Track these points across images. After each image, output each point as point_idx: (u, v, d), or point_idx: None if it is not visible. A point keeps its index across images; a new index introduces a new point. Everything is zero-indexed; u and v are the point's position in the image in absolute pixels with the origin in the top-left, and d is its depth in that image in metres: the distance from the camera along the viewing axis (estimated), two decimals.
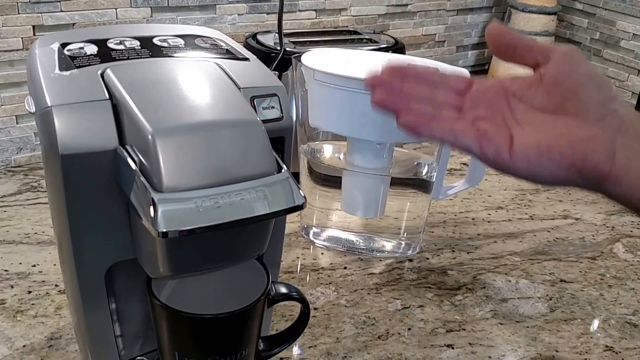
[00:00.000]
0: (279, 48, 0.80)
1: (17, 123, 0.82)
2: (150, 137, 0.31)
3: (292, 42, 0.87)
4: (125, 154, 0.33)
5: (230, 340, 0.40)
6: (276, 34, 0.89)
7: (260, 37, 0.88)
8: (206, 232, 0.30)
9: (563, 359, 0.56)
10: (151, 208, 0.30)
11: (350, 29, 1.00)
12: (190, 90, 0.36)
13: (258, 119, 0.35)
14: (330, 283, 0.64)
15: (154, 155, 0.31)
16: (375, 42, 0.91)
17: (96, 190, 0.35)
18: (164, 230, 0.29)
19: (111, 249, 0.37)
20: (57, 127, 0.33)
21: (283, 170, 0.35)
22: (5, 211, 0.73)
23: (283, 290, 0.43)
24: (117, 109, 0.34)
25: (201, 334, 0.39)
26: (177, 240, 0.33)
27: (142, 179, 0.31)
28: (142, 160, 0.32)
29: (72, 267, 0.37)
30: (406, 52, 0.92)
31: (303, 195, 0.34)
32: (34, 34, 0.78)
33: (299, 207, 0.34)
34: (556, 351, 0.57)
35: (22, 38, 0.78)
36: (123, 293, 0.42)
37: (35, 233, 0.69)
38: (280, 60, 0.79)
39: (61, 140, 0.33)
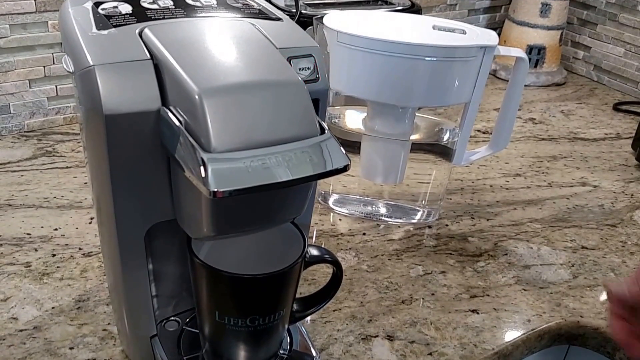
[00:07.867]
0: (294, 10, 0.78)
1: (30, 87, 0.81)
2: (197, 97, 0.31)
3: (306, 4, 0.85)
4: (170, 114, 0.32)
5: (268, 300, 0.40)
6: None
7: None
8: (255, 192, 0.30)
9: (588, 324, 0.57)
10: (201, 168, 0.30)
11: None
12: (231, 50, 0.35)
13: (301, 79, 0.35)
14: (350, 249, 0.65)
15: (202, 115, 0.31)
16: (391, 3, 0.89)
17: (138, 151, 0.34)
18: (215, 189, 0.29)
19: (151, 210, 0.37)
20: (100, 87, 0.32)
21: (326, 132, 0.34)
22: (22, 175, 0.73)
23: (315, 252, 0.43)
24: (158, 69, 0.34)
25: (241, 294, 0.39)
26: (222, 201, 0.33)
27: (190, 139, 0.31)
28: (188, 120, 0.32)
29: (112, 228, 0.37)
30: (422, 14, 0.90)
31: (347, 156, 0.34)
32: None
33: (344, 169, 0.33)
34: (581, 317, 0.57)
35: (35, 0, 0.76)
36: (160, 254, 0.42)
37: (55, 197, 0.69)
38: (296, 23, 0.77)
39: (105, 100, 0.32)
